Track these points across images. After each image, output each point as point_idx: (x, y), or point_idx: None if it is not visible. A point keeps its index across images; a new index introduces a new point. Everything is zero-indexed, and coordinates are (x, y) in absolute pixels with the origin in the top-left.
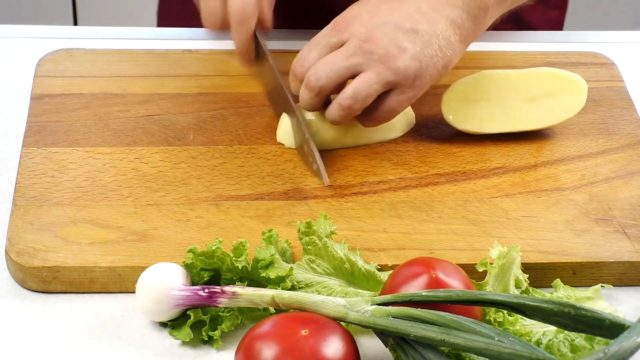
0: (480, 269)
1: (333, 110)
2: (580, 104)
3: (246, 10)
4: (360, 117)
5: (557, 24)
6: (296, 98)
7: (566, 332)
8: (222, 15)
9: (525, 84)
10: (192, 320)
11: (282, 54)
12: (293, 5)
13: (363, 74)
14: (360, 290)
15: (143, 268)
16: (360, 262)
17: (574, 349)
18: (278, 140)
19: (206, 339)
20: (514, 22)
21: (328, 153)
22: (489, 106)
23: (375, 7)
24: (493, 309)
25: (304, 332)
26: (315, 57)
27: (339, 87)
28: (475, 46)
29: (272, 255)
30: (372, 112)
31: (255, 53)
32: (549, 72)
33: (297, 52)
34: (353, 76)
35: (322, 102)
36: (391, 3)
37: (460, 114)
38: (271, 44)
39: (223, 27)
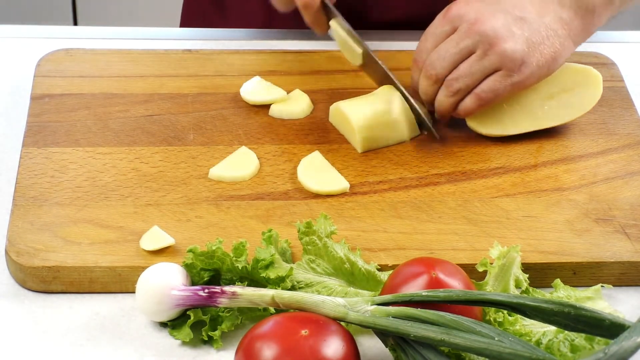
0: (480, 269)
1: (441, 96)
2: (597, 96)
3: None
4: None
5: None
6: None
7: (566, 332)
8: None
9: (543, 82)
10: (192, 320)
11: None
12: None
13: (470, 57)
14: (360, 290)
15: (143, 268)
16: (360, 262)
17: (574, 349)
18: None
19: (206, 339)
20: None
21: (330, 152)
22: (509, 108)
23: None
24: (493, 309)
25: (304, 332)
26: (432, 46)
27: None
28: None
29: (272, 255)
30: (473, 91)
31: (327, 20)
32: (564, 67)
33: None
34: (465, 59)
35: (439, 90)
36: None
37: (483, 118)
38: (281, 44)
39: (292, 4)
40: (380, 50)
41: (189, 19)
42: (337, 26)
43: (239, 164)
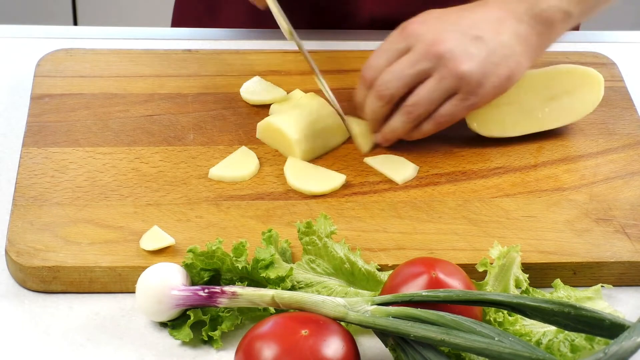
0: (480, 269)
1: (396, 118)
2: (599, 98)
3: None
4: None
5: None
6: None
7: (566, 332)
8: None
9: (544, 83)
10: (192, 320)
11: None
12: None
13: (427, 81)
14: (360, 290)
15: (143, 268)
16: (360, 262)
17: (574, 349)
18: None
19: (206, 339)
20: None
21: (330, 152)
22: (510, 109)
23: (442, 15)
24: (493, 309)
25: (304, 332)
26: (384, 64)
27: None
28: None
29: (272, 255)
30: (430, 116)
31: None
32: (565, 69)
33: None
34: (421, 81)
35: (389, 111)
36: (458, 12)
37: (484, 120)
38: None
39: None
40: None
41: (180, 21)
42: (271, 2)
43: (239, 164)
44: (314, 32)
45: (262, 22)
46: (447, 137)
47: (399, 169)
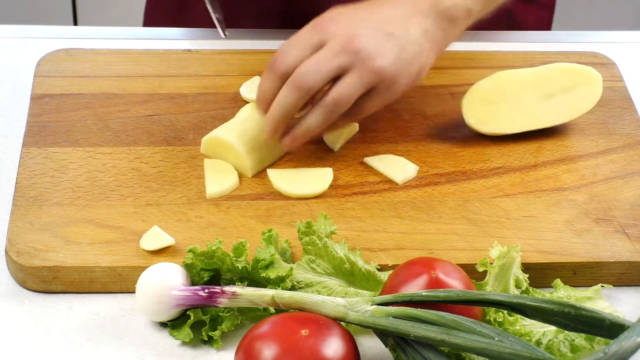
0: (480, 269)
1: (315, 115)
2: (597, 97)
3: None
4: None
5: (546, 24)
6: None
7: (566, 332)
8: None
9: (542, 81)
10: (192, 321)
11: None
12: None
13: (346, 77)
14: (360, 290)
15: (143, 268)
16: (360, 262)
17: (574, 349)
18: None
19: (206, 339)
20: (505, 22)
21: (330, 152)
22: (508, 107)
23: (352, 11)
24: (493, 309)
25: (304, 332)
26: (297, 56)
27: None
28: (474, 47)
29: (272, 255)
30: (347, 112)
31: None
32: (564, 67)
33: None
34: (338, 76)
35: (303, 105)
36: (367, 8)
37: (482, 117)
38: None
39: None
40: None
41: (151, 20)
42: None
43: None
44: (264, 31)
45: (235, 22)
46: (447, 137)
47: (399, 169)
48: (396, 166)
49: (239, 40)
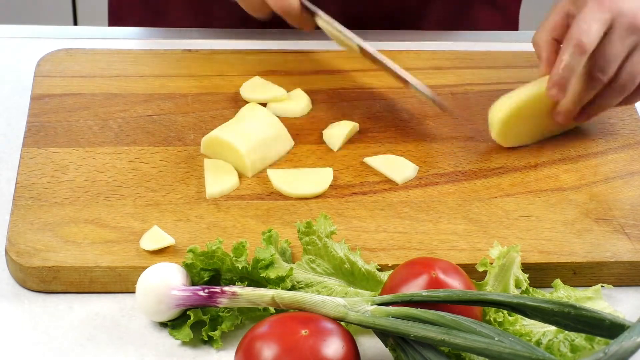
0: (480, 269)
1: (610, 98)
2: None
3: None
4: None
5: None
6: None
7: (566, 332)
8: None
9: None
10: (192, 321)
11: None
12: None
13: (636, 52)
14: (360, 290)
15: (143, 268)
16: (360, 262)
17: (574, 349)
18: None
19: (206, 339)
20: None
21: (330, 152)
22: (530, 121)
23: None
24: (493, 309)
25: (304, 332)
26: (598, 33)
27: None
28: (475, 46)
29: (272, 255)
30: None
31: (312, 18)
32: None
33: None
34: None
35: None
36: None
37: (504, 132)
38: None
39: (270, 13)
40: (380, 49)
41: (117, 20)
42: (325, 24)
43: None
44: (264, 31)
45: (208, 22)
46: (447, 137)
47: (399, 169)
48: (396, 166)
49: (239, 40)
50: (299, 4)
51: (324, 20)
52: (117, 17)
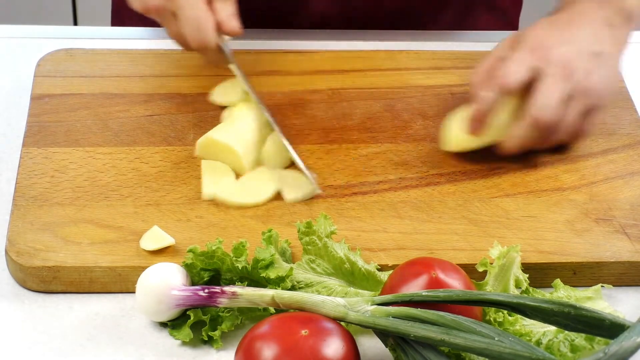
0: (480, 269)
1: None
2: None
3: (200, 20)
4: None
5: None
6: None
7: (566, 332)
8: (179, 33)
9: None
10: (192, 321)
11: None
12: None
13: (572, 105)
14: (360, 290)
15: (143, 268)
16: (360, 262)
17: (574, 349)
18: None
19: (206, 339)
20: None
21: (330, 152)
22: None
23: (556, 30)
24: (493, 309)
25: (304, 332)
26: (520, 75)
27: None
28: (473, 46)
29: (272, 255)
30: (577, 135)
31: (226, 60)
32: None
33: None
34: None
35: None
36: (566, 27)
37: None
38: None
39: (189, 47)
40: (380, 49)
41: (120, 19)
42: (236, 70)
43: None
44: (264, 31)
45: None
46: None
47: (296, 185)
48: (293, 182)
49: (239, 40)
50: (214, 44)
51: (236, 70)
52: (119, 18)
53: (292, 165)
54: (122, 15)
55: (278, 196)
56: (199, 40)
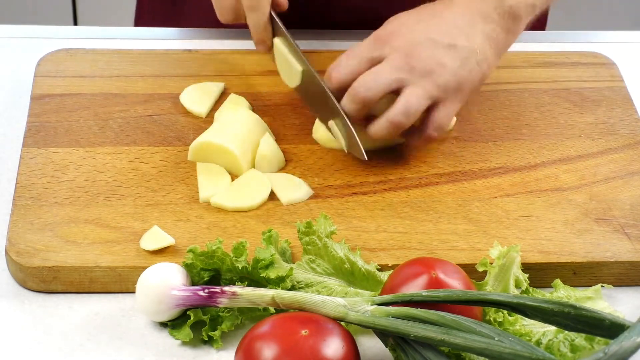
0: (480, 269)
1: (381, 126)
2: None
3: None
4: (409, 137)
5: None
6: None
7: (566, 332)
8: (233, 5)
9: None
10: (192, 320)
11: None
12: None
13: (409, 89)
14: (360, 290)
15: (143, 268)
16: (360, 262)
17: (574, 349)
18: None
19: (206, 339)
20: None
21: (330, 152)
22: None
23: (414, 23)
24: (493, 309)
25: (304, 332)
26: (355, 67)
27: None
28: None
29: (272, 255)
30: (421, 130)
31: (272, 39)
32: None
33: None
34: (396, 91)
35: (365, 114)
36: (429, 19)
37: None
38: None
39: (237, 18)
40: None
41: (142, 19)
42: (280, 43)
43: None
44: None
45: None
46: (447, 137)
47: (290, 188)
48: (288, 185)
49: (240, 40)
50: (267, 13)
51: (282, 39)
52: (142, 18)
53: (283, 168)
54: (144, 17)
55: (276, 196)
56: (254, 5)
